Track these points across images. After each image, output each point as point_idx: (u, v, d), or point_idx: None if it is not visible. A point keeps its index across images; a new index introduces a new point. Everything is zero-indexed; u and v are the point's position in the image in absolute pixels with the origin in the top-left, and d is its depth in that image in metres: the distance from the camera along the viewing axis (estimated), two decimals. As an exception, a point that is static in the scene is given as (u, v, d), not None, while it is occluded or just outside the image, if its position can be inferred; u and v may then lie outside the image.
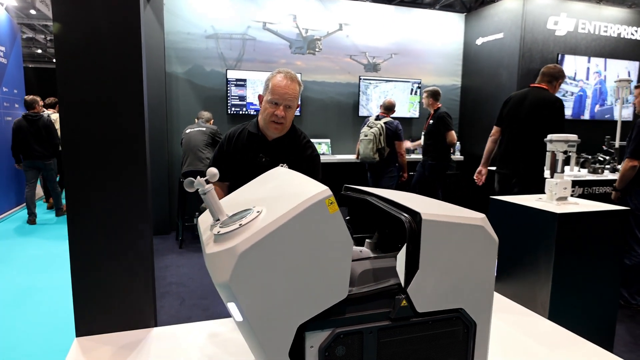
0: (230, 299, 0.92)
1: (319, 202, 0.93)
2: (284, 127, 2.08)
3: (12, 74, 7.72)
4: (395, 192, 1.36)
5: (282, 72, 2.05)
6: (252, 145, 2.12)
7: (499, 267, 2.21)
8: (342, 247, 0.97)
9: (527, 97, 3.95)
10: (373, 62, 6.73)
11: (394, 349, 1.05)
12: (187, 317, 3.44)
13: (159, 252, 5.16)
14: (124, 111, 1.60)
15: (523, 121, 3.91)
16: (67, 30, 1.52)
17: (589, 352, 1.52)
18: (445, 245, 1.05)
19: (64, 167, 1.58)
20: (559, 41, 6.24)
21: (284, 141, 2.13)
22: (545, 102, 3.83)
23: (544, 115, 3.81)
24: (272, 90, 2.01)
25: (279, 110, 2.01)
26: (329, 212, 0.94)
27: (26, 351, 2.98)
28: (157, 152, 5.87)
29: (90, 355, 1.47)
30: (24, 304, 3.73)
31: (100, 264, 1.60)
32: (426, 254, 1.03)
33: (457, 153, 6.93)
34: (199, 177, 1.07)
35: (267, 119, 2.04)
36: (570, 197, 2.22)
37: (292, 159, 2.10)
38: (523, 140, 3.90)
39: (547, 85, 3.95)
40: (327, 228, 0.95)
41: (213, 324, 1.70)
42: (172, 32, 5.92)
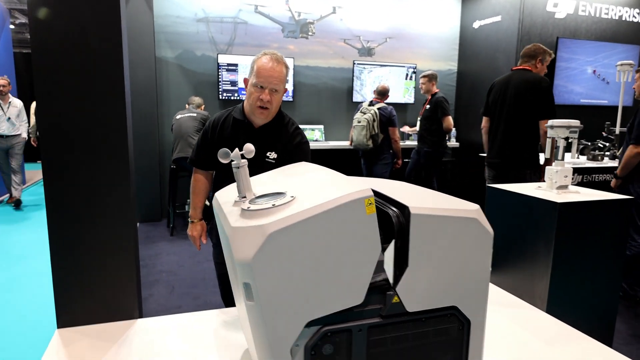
0: (246, 278, 0.87)
1: (359, 199, 0.90)
2: (270, 113, 1.99)
3: (1, 59, 7.62)
4: (384, 181, 1.29)
5: (268, 53, 1.96)
6: (237, 132, 2.04)
7: (496, 259, 2.16)
8: (370, 251, 0.94)
9: (510, 81, 3.74)
10: (367, 47, 6.62)
11: (384, 347, 1.01)
12: (177, 306, 3.39)
13: (149, 240, 5.10)
14: (104, 98, 1.53)
15: (509, 107, 3.70)
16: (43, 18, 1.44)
17: (587, 347, 1.48)
18: (436, 240, 0.98)
19: (42, 156, 1.51)
20: (559, 24, 6.11)
21: (271, 128, 2.05)
22: (530, 84, 3.60)
23: (530, 98, 3.58)
24: (258, 73, 1.93)
25: (265, 95, 1.92)
26: (366, 212, 0.91)
27: (8, 342, 2.94)
28: (148, 138, 5.78)
29: (72, 347, 1.44)
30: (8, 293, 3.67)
31: (81, 253, 1.56)
32: (416, 250, 0.97)
33: (453, 140, 6.87)
34: (237, 149, 1.04)
35: (253, 104, 1.96)
36: (570, 185, 2.16)
37: (280, 147, 2.03)
38: (511, 127, 3.70)
39: (528, 65, 3.74)
40: (360, 228, 0.91)
41: (199, 315, 1.67)
42: (162, 16, 5.79)
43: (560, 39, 6.06)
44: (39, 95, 1.48)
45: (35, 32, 1.46)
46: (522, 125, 3.63)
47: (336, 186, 1.01)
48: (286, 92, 2.10)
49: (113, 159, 1.56)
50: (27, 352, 2.79)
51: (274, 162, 1.99)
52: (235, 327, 1.56)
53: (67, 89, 1.49)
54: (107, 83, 1.53)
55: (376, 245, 0.94)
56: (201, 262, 4.30)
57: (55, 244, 1.53)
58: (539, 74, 3.71)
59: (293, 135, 2.06)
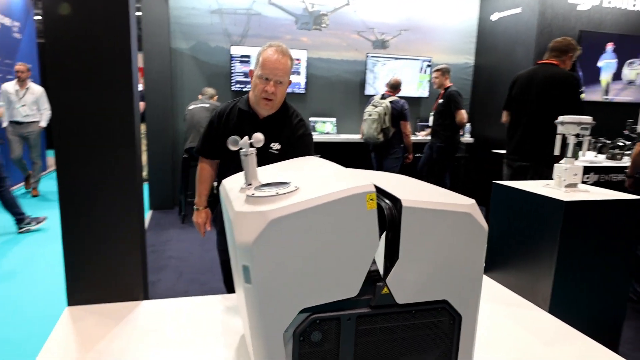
0: (245, 261, 0.91)
1: (360, 194, 0.93)
2: (275, 104, 2.02)
3: (26, 49, 7.78)
4: (382, 174, 1.31)
5: (274, 45, 1.98)
6: (242, 123, 2.06)
7: (500, 256, 2.14)
8: (368, 246, 0.96)
9: (536, 76, 3.59)
10: (381, 39, 6.58)
11: (373, 337, 1.02)
12: (184, 291, 3.45)
13: (161, 227, 5.19)
14: (113, 90, 1.58)
15: (535, 102, 3.56)
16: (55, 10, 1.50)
17: (587, 348, 1.48)
18: (428, 233, 0.99)
19: (54, 143, 1.56)
20: (582, 16, 5.91)
21: (276, 119, 2.07)
22: (557, 79, 3.47)
23: (556, 94, 3.45)
24: (263, 64, 1.95)
25: (270, 86, 1.94)
26: (367, 207, 0.94)
27: (22, 317, 3.05)
28: (161, 128, 5.86)
29: (79, 324, 1.52)
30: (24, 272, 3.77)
31: (90, 237, 1.63)
32: (407, 242, 0.98)
33: (467, 135, 6.79)
34: (246, 137, 1.08)
35: (258, 95, 1.98)
36: (580, 184, 2.12)
37: (284, 138, 2.05)
38: (533, 123, 3.56)
39: (557, 60, 3.59)
40: (359, 222, 0.94)
41: (201, 299, 1.72)
42: (177, 7, 5.83)
43: (583, 32, 5.90)
44: (51, 86, 1.53)
45: (48, 25, 1.50)
46: (545, 122, 3.40)
47: (340, 180, 1.04)
48: (291, 84, 2.11)
49: (121, 147, 1.61)
50: (40, 326, 2.90)
51: (277, 153, 2.01)
52: (235, 313, 1.60)
53: (77, 80, 1.54)
54: (115, 75, 1.58)
55: (374, 240, 0.96)
56: (209, 250, 4.36)
57: (67, 228, 1.61)
58: (566, 70, 3.57)
59: (297, 126, 2.08)
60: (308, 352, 0.98)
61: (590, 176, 4.15)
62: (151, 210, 5.92)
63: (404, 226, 0.97)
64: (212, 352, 1.36)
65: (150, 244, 4.54)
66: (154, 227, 5.16)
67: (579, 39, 5.80)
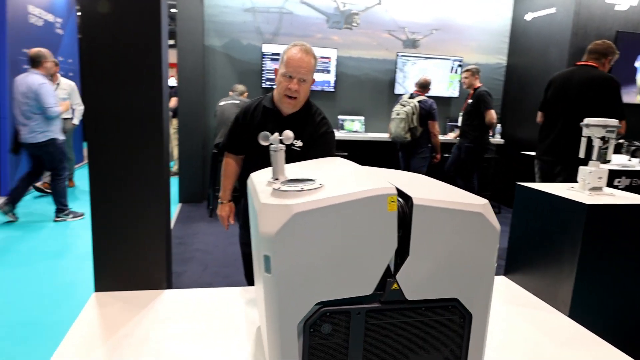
0: (267, 251, 0.95)
1: (382, 195, 0.96)
2: (298, 102, 2.06)
3: (68, 44, 8.04)
4: (399, 172, 1.32)
5: (298, 44, 2.02)
6: (266, 120, 2.11)
7: (521, 258, 2.12)
8: (385, 247, 0.99)
9: (574, 77, 3.52)
10: (412, 38, 6.54)
11: (383, 332, 1.04)
12: (208, 283, 3.54)
13: (189, 219, 5.31)
14: (144, 83, 1.65)
15: (572, 103, 3.48)
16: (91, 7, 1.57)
17: (607, 355, 1.46)
18: (439, 231, 1.01)
19: (87, 134, 1.64)
20: (619, 17, 5.72)
21: (299, 117, 2.11)
22: (598, 82, 3.40)
23: (595, 96, 3.38)
24: (287, 63, 1.99)
25: (293, 84, 1.99)
26: (387, 209, 0.97)
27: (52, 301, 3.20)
28: (193, 123, 5.99)
29: (105, 309, 1.60)
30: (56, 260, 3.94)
31: (119, 227, 1.71)
32: (417, 240, 1.00)
33: (498, 136, 6.69)
34: (276, 133, 1.13)
35: (281, 93, 2.03)
36: (606, 187, 2.08)
37: (306, 136, 2.08)
38: (570, 125, 3.45)
39: (596, 62, 3.52)
40: (379, 223, 0.97)
41: (221, 291, 1.77)
42: (211, 5, 5.95)
43: (620, 32, 5.72)
44: (85, 81, 1.61)
45: (83, 22, 1.58)
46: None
47: (364, 180, 1.08)
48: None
49: (149, 141, 1.68)
50: (68, 310, 3.04)
51: (300, 150, 2.05)
52: (253, 305, 1.64)
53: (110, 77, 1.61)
54: (146, 72, 1.64)
55: (392, 241, 0.99)
56: (235, 243, 4.39)
57: (96, 219, 1.69)
58: (607, 73, 3.51)
59: (319, 124, 2.11)
60: (318, 344, 1.00)
61: (622, 180, 4.03)
62: (180, 204, 6.06)
63: (415, 223, 0.99)
64: (227, 342, 1.41)
65: (178, 236, 4.66)
66: (182, 220, 5.29)
67: (615, 40, 5.62)
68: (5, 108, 5.83)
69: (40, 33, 6.89)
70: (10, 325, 2.83)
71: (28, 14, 6.51)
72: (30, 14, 6.56)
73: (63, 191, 5.04)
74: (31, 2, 6.57)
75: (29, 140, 4.72)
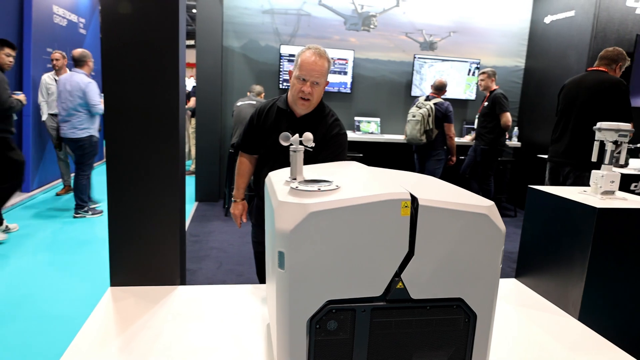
0: (281, 247, 0.98)
1: (396, 200, 0.99)
2: (311, 104, 2.09)
3: (91, 44, 8.19)
4: (404, 173, 1.35)
5: (312, 48, 2.05)
6: (280, 120, 2.15)
7: (532, 261, 2.12)
8: (396, 251, 1.01)
9: (585, 82, 3.63)
10: (430, 41, 6.52)
11: (387, 330, 1.05)
12: (222, 281, 3.60)
13: (205, 218, 5.38)
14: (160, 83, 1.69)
15: (581, 107, 3.58)
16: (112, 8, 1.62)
17: (612, 356, 1.46)
18: (444, 232, 1.03)
19: (105, 132, 1.69)
20: (639, 20, 5.68)
21: (312, 118, 2.14)
22: (606, 85, 3.48)
23: (604, 100, 3.47)
24: (301, 66, 2.03)
25: (306, 87, 2.02)
26: (401, 214, 0.99)
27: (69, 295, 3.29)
28: (211, 123, 6.07)
29: (119, 303, 1.64)
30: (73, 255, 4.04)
31: (134, 226, 1.75)
32: (422, 240, 1.02)
33: (515, 139, 6.63)
34: (297, 135, 1.17)
35: (295, 95, 2.06)
36: (618, 191, 2.08)
37: (319, 136, 2.11)
38: (580, 128, 3.57)
39: (606, 68, 3.62)
40: (391, 227, 1.00)
41: (233, 288, 1.80)
42: (231, 7, 6.02)
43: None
44: (104, 80, 1.66)
45: (103, 23, 1.63)
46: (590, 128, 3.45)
47: (379, 184, 1.11)
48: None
49: (165, 139, 1.72)
50: (84, 304, 3.13)
51: (312, 150, 2.08)
52: (263, 302, 1.67)
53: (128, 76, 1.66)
54: (163, 74, 1.69)
55: (404, 245, 1.01)
56: (249, 242, 4.45)
57: (113, 215, 1.74)
58: (617, 77, 3.59)
59: (332, 126, 2.14)
60: (323, 340, 1.03)
61: (639, 184, 4.01)
62: (197, 202, 6.14)
63: (420, 224, 1.01)
64: (238, 338, 1.44)
65: (194, 234, 4.73)
66: (198, 219, 5.36)
67: (635, 43, 5.56)
68: (29, 106, 5.97)
69: (64, 33, 7.05)
70: (29, 319, 2.92)
71: (53, 14, 6.67)
72: (54, 14, 6.72)
73: (84, 188, 5.16)
74: (56, 3, 6.74)
75: (69, 136, 4.99)
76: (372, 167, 1.43)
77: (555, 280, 1.99)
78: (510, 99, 6.18)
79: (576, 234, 1.90)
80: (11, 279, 3.49)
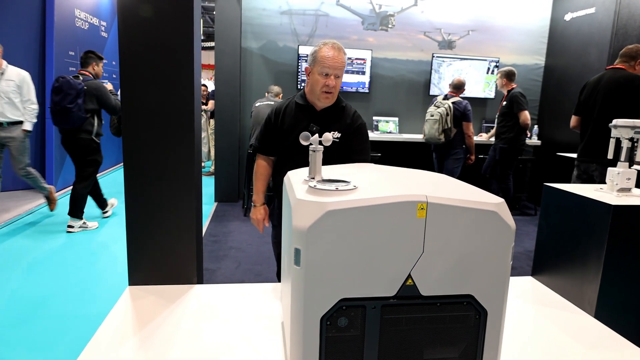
0: (298, 244, 1.00)
1: (412, 202, 1.01)
2: (334, 96, 2.15)
3: (112, 47, 8.36)
4: (416, 171, 1.36)
5: (328, 43, 2.10)
6: (301, 116, 2.19)
7: (548, 259, 2.11)
8: (412, 251, 1.03)
9: (603, 79, 3.65)
10: (448, 39, 6.48)
11: (398, 327, 1.07)
12: (240, 280, 3.64)
13: (225, 218, 5.45)
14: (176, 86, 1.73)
15: (601, 105, 3.60)
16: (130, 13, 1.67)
17: (632, 356, 1.45)
18: (453, 229, 1.04)
19: (123, 133, 1.73)
20: (661, 17, 5.57)
21: (332, 110, 2.19)
22: (623, 82, 3.51)
23: (622, 96, 3.49)
24: (322, 62, 2.07)
25: (330, 80, 2.07)
26: (417, 215, 1.01)
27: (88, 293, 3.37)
28: (230, 123, 6.14)
29: (138, 302, 1.68)
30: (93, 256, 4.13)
31: (151, 226, 1.79)
32: (431, 237, 1.03)
33: (535, 137, 6.55)
34: (317, 134, 1.20)
35: (319, 90, 2.10)
36: (635, 188, 2.06)
37: (343, 127, 2.17)
38: (600, 127, 3.58)
39: (625, 65, 3.62)
40: (407, 228, 1.02)
41: (250, 287, 1.83)
42: (249, 8, 6.08)
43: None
44: (122, 83, 1.70)
45: (121, 27, 1.68)
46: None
47: (397, 186, 1.14)
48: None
49: (181, 140, 1.75)
50: (104, 302, 3.20)
51: (337, 141, 2.14)
52: (279, 301, 1.69)
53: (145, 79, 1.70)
54: (179, 77, 1.72)
55: (419, 247, 1.03)
56: (267, 242, 4.52)
57: (131, 216, 1.78)
58: (633, 73, 3.58)
59: (354, 118, 2.21)
60: (334, 337, 1.05)
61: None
62: (216, 203, 6.21)
63: (429, 221, 1.02)
64: (253, 336, 1.46)
65: (213, 234, 4.79)
66: (218, 219, 5.43)
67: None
68: (48, 108, 6.14)
69: (85, 36, 7.21)
70: (49, 317, 2.99)
71: (75, 18, 6.83)
72: (77, 17, 6.88)
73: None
74: (78, 6, 6.90)
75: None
76: (388, 166, 1.45)
77: (571, 278, 1.97)
78: (530, 97, 6.11)
79: (592, 231, 1.89)
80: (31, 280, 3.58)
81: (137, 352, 1.36)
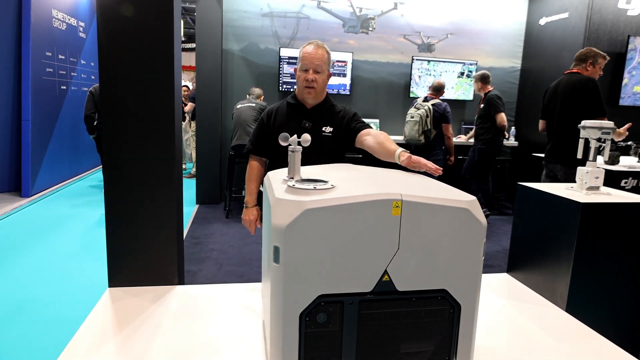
0: (277, 242, 1.03)
1: (387, 200, 1.03)
2: (317, 91, 2.18)
3: (90, 48, 8.25)
4: (391, 171, 1.40)
5: (312, 42, 2.16)
6: (293, 114, 2.24)
7: (522, 256, 2.18)
8: (388, 248, 1.06)
9: (560, 84, 3.86)
10: (427, 42, 6.57)
11: (375, 321, 1.09)
12: (223, 282, 3.58)
13: (206, 220, 5.43)
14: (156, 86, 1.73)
15: (560, 109, 3.82)
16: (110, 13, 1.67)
17: (602, 348, 1.50)
18: (427, 226, 1.07)
19: (102, 135, 1.74)
20: (631, 22, 5.73)
21: (322, 106, 2.24)
22: (577, 85, 3.70)
23: (576, 99, 3.70)
24: (302, 58, 2.14)
25: (309, 74, 2.12)
26: (392, 213, 1.04)
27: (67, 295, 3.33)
28: (210, 125, 6.11)
29: (118, 303, 1.67)
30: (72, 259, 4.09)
31: (131, 227, 1.78)
32: (406, 234, 1.06)
33: (512, 138, 6.68)
34: (295, 135, 1.23)
35: (301, 85, 2.17)
36: (603, 187, 2.15)
37: (336, 122, 2.21)
38: (561, 129, 3.81)
39: (579, 68, 3.82)
40: (382, 226, 1.04)
41: (230, 287, 1.84)
42: (230, 10, 6.08)
43: (631, 37, 5.71)
44: (101, 84, 1.70)
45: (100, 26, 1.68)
46: (570, 126, 3.67)
47: (373, 185, 1.17)
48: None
49: (161, 142, 1.76)
50: (83, 304, 3.15)
51: (331, 135, 2.19)
52: (259, 300, 1.71)
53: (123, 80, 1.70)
54: (159, 77, 1.73)
55: (394, 244, 1.06)
56: (250, 244, 4.54)
57: (110, 217, 1.77)
58: (586, 76, 3.78)
59: (346, 111, 2.26)
60: (314, 332, 1.07)
61: (629, 181, 4.13)
62: (197, 205, 6.18)
63: (404, 218, 1.05)
64: (235, 335, 1.47)
65: (194, 237, 4.77)
66: (199, 221, 5.41)
67: (627, 44, 5.66)
68: (27, 111, 6.01)
69: (63, 36, 7.10)
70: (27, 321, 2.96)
71: (52, 18, 6.72)
72: (54, 17, 6.77)
73: None
74: (55, 6, 6.78)
75: None
76: (366, 167, 1.49)
77: (544, 274, 2.04)
78: (507, 99, 6.24)
79: (563, 228, 1.96)
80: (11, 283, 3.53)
81: (117, 353, 1.35)
